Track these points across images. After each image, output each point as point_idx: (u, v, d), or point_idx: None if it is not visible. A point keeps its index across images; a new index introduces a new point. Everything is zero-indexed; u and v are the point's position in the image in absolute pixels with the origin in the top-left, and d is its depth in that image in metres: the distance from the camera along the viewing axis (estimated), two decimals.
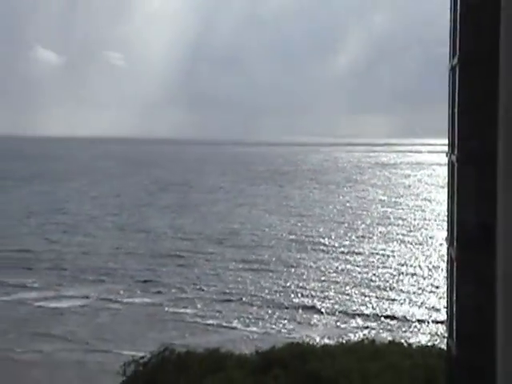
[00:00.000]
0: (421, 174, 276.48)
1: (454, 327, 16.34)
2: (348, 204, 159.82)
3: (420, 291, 72.44)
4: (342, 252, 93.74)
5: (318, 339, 31.74)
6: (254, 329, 59.37)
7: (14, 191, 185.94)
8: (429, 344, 36.44)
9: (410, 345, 27.34)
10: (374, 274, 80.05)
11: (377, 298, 68.79)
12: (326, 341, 28.11)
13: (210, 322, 61.76)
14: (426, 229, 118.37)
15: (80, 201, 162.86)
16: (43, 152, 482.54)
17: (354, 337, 47.21)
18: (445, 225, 20.12)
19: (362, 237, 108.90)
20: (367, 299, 68.20)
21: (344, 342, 23.00)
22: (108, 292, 72.33)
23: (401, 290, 72.50)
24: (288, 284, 74.55)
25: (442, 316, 55.47)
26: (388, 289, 72.93)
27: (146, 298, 70.53)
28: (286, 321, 62.07)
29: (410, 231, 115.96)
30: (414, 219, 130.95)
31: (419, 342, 44.78)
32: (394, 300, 68.53)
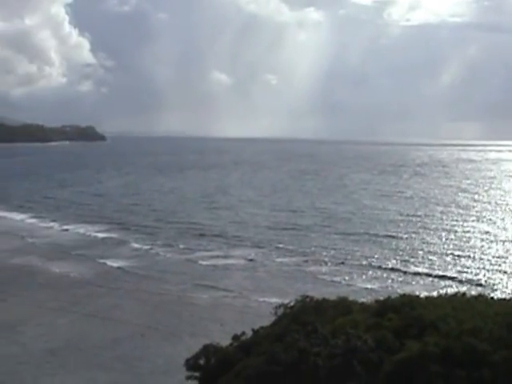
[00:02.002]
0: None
1: None
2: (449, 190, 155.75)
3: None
4: (444, 229, 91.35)
5: (422, 293, 31.32)
6: (372, 285, 58.87)
7: (193, 178, 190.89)
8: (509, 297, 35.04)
9: (492, 298, 26.61)
10: (474, 247, 77.54)
11: (471, 267, 66.71)
12: (429, 294, 27.84)
13: (336, 279, 61.55)
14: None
15: (241, 185, 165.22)
16: (218, 148, 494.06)
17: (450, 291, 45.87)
18: None
19: (460, 214, 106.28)
20: (464, 268, 66.34)
21: (442, 294, 22.73)
22: (262, 254, 73.09)
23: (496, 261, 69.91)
24: (400, 253, 73.36)
25: None
26: (484, 259, 70.41)
27: (286, 259, 70.90)
28: (397, 280, 61.26)
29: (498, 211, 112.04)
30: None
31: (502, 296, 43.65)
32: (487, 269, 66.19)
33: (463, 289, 50.27)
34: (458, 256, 71.38)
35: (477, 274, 63.13)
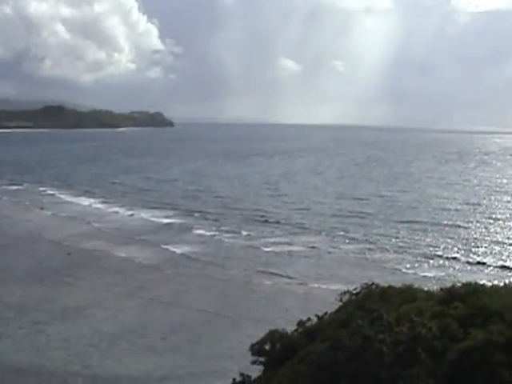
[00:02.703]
0: None
1: None
2: None
3: None
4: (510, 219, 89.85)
5: (487, 282, 31.07)
6: (436, 274, 58.54)
7: (258, 164, 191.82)
8: None
9: None
10: None
11: None
12: (494, 283, 27.73)
13: (400, 267, 61.41)
14: None
15: (306, 172, 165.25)
16: (284, 135, 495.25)
17: None
18: None
19: None
20: None
21: (507, 284, 22.64)
22: (326, 242, 73.32)
23: None
24: (464, 242, 72.62)
25: None
26: None
27: (350, 246, 70.93)
28: (460, 269, 60.78)
29: None
30: None
31: None
32: None
33: None
34: None
35: None
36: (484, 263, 63.21)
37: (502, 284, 23.31)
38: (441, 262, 64.26)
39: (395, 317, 19.11)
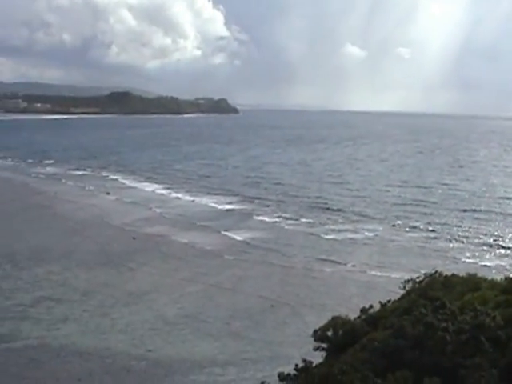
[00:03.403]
0: None
1: None
2: None
3: None
4: None
5: None
6: (500, 263, 57.81)
7: (321, 152, 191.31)
8: None
9: None
10: None
11: None
12: None
13: (463, 256, 60.88)
14: None
15: (370, 160, 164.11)
16: (348, 122, 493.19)
17: None
18: None
19: None
20: None
21: None
22: (388, 230, 72.95)
23: None
24: None
25: None
26: None
27: (413, 235, 70.42)
28: None
29: None
30: None
31: None
32: None
33: None
34: None
35: None
36: None
37: None
38: (503, 251, 63.45)
39: (458, 305, 19.13)
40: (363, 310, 22.97)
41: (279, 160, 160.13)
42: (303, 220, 78.83)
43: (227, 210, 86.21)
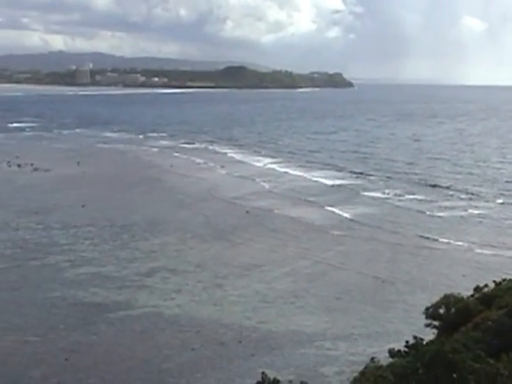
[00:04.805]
0: None
1: None
2: None
3: None
4: None
5: None
6: None
7: (433, 127, 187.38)
8: None
9: None
10: None
11: None
12: None
13: None
14: None
15: (486, 135, 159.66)
16: (465, 96, 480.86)
17: None
18: None
19: None
20: None
21: None
22: (498, 209, 71.40)
23: None
24: None
25: None
26: None
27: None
28: None
29: None
30: None
31: None
32: None
33: None
34: None
35: None
36: None
37: None
38: None
39: None
40: (477, 289, 22.90)
41: (389, 135, 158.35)
42: (411, 197, 78.03)
43: (335, 186, 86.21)
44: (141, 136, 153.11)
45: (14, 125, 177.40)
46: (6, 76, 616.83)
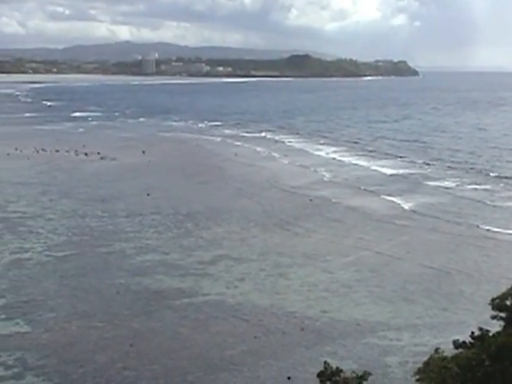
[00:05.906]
0: None
1: None
2: None
3: None
4: None
5: None
6: None
7: (503, 116, 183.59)
8: None
9: None
10: None
11: None
12: None
13: None
14: None
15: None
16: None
17: None
18: None
19: None
20: None
21: None
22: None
23: None
24: None
25: None
26: None
27: None
28: None
29: None
30: None
31: None
32: None
33: None
34: None
35: None
36: None
37: None
38: None
39: None
40: None
41: (453, 124, 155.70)
42: (474, 187, 76.90)
43: (396, 175, 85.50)
44: (203, 125, 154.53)
45: (78, 114, 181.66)
46: (74, 67, 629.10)
